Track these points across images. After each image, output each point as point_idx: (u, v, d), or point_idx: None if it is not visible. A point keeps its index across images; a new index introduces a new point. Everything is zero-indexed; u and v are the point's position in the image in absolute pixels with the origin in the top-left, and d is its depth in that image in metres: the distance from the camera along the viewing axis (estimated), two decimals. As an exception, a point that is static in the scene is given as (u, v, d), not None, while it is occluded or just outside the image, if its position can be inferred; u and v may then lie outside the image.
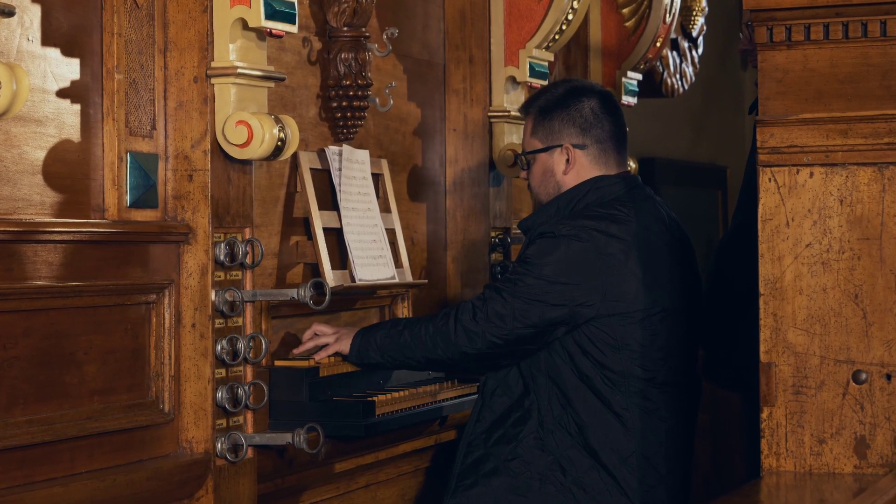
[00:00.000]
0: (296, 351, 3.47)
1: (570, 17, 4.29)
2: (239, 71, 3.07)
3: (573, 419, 3.37)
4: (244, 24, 3.08)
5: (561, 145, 3.51)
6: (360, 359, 3.44)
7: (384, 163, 3.91)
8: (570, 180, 3.51)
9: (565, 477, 3.35)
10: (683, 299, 3.47)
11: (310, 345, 3.46)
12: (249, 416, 3.18)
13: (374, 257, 3.69)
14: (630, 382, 3.37)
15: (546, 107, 3.54)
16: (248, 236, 3.17)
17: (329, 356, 3.43)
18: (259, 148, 3.09)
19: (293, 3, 3.14)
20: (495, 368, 3.44)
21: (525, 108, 3.63)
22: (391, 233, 3.84)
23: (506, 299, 3.35)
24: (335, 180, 3.64)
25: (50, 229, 2.76)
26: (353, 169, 3.70)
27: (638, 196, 3.50)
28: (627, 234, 3.38)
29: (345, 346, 3.44)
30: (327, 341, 3.45)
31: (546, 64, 4.37)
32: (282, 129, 3.12)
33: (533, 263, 3.37)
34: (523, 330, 3.34)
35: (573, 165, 3.51)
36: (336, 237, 3.63)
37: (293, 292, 3.19)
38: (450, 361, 3.43)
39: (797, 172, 2.96)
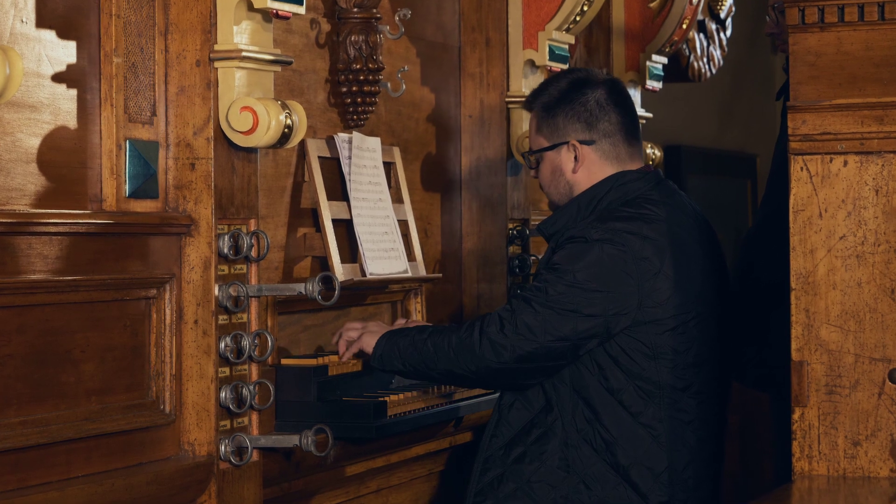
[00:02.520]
0: (341, 359, 3.43)
1: (591, -4, 4.24)
2: (244, 54, 3.05)
3: (600, 434, 3.29)
4: (249, 5, 3.06)
5: (567, 142, 3.44)
6: (381, 364, 3.38)
7: (396, 151, 3.88)
8: (581, 178, 3.43)
9: (590, 496, 3.28)
10: (716, 301, 3.39)
11: (342, 343, 3.43)
12: (255, 416, 3.15)
13: (385, 250, 3.65)
14: (664, 393, 3.28)
15: (549, 103, 3.46)
16: (253, 228, 3.14)
17: (353, 354, 3.41)
18: (265, 135, 3.06)
19: (301, -16, 3.14)
20: (520, 388, 3.34)
21: (528, 105, 3.56)
22: (403, 224, 3.80)
23: (536, 309, 3.25)
24: (345, 169, 3.61)
25: (45, 221, 2.73)
26: (364, 157, 3.67)
27: (664, 191, 3.42)
28: (660, 235, 3.30)
29: (368, 345, 3.39)
30: (353, 336, 3.42)
31: (566, 47, 4.33)
32: (289, 115, 3.09)
33: (563, 270, 3.27)
34: (554, 343, 3.24)
35: (582, 163, 3.43)
36: (346, 229, 3.60)
37: (301, 287, 3.15)
38: (473, 376, 3.34)
39: (830, 161, 2.93)
